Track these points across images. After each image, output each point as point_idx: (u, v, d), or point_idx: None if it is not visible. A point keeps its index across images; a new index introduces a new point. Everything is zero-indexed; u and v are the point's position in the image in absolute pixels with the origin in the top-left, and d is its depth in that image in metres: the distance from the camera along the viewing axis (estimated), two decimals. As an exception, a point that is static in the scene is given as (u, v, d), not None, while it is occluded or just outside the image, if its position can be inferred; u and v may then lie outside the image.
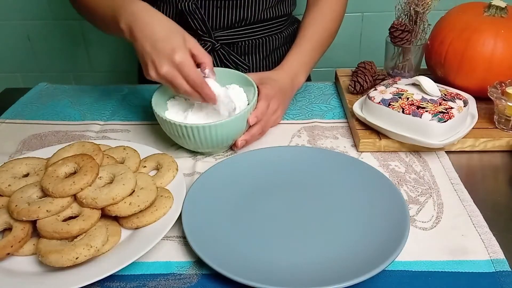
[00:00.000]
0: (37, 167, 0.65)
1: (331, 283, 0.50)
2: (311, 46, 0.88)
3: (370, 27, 1.52)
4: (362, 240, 0.57)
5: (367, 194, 0.64)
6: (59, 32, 1.56)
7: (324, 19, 0.91)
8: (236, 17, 0.92)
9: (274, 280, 0.51)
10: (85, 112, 0.89)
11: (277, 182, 0.68)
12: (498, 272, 0.54)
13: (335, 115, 0.87)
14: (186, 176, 0.70)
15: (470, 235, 0.59)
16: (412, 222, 0.61)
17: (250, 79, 0.76)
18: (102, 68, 1.64)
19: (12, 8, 1.52)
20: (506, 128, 0.76)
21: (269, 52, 1.00)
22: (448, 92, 0.76)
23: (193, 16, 0.89)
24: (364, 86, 0.87)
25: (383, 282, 0.53)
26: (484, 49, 0.79)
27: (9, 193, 0.61)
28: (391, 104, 0.74)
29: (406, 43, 0.87)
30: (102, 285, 0.54)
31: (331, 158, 0.71)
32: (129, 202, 0.58)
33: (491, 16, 0.82)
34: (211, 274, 0.55)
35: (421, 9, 0.85)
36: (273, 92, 0.78)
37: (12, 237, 0.55)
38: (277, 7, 0.96)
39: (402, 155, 0.75)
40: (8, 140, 0.81)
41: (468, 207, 0.64)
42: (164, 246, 0.59)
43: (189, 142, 0.71)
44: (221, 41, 0.93)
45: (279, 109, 0.80)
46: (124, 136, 0.82)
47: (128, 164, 0.66)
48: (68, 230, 0.55)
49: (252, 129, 0.75)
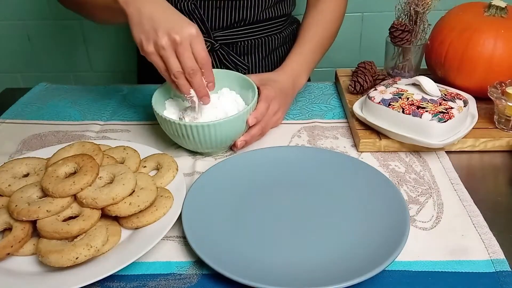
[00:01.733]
0: (37, 167, 0.65)
1: (331, 283, 0.50)
2: (312, 47, 0.88)
3: (370, 27, 1.52)
4: (362, 240, 0.57)
5: (367, 194, 0.64)
6: (59, 32, 1.56)
7: (325, 20, 0.91)
8: (235, 17, 0.92)
9: (274, 280, 0.51)
10: (85, 112, 0.89)
11: (277, 182, 0.68)
12: (498, 272, 0.54)
13: (335, 115, 0.87)
14: (186, 176, 0.70)
15: (470, 235, 0.59)
16: (412, 222, 0.61)
17: (250, 81, 0.76)
18: (102, 68, 1.64)
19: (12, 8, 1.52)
20: (506, 128, 0.76)
21: (269, 52, 1.00)
22: (448, 92, 0.76)
23: (192, 16, 0.89)
24: (364, 86, 0.87)
25: (383, 282, 0.53)
26: (484, 49, 0.79)
27: (9, 193, 0.61)
28: (391, 104, 0.74)
29: (406, 43, 0.87)
30: (102, 285, 0.54)
31: (331, 158, 0.71)
32: (129, 202, 0.58)
33: (491, 16, 0.82)
34: (211, 274, 0.55)
35: (421, 9, 0.85)
36: (274, 93, 0.78)
37: (12, 237, 0.55)
38: (276, 7, 0.96)
39: (402, 155, 0.75)
40: (8, 140, 0.81)
41: (468, 207, 0.64)
42: (164, 246, 0.59)
43: (188, 142, 0.71)
44: (220, 41, 0.93)
45: (280, 111, 0.80)
46: (124, 136, 0.82)
47: (128, 164, 0.66)
48: (68, 230, 0.55)
49: (251, 130, 0.75)
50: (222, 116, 0.72)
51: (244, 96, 0.77)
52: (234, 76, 0.79)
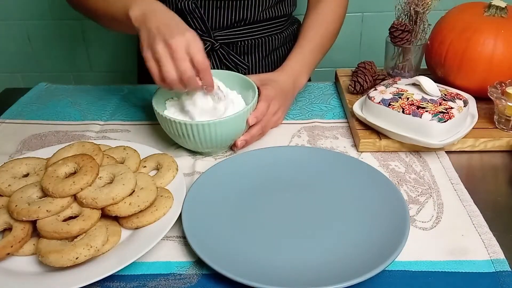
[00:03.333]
0: (37, 167, 0.65)
1: (331, 283, 0.50)
2: (313, 47, 0.88)
3: (370, 27, 1.52)
4: (362, 240, 0.57)
5: (367, 194, 0.64)
6: (59, 32, 1.56)
7: (325, 20, 0.91)
8: (235, 17, 0.92)
9: (274, 280, 0.51)
10: (85, 112, 0.89)
11: (277, 182, 0.68)
12: (498, 272, 0.54)
13: (335, 115, 0.87)
14: (186, 176, 0.70)
15: (470, 235, 0.59)
16: (412, 222, 0.61)
17: (250, 81, 0.76)
18: (102, 68, 1.64)
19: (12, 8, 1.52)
20: (506, 128, 0.76)
21: (269, 52, 1.00)
22: (448, 92, 0.76)
23: (192, 15, 0.89)
24: (364, 86, 0.87)
25: (383, 282, 0.53)
26: (484, 49, 0.79)
27: (9, 193, 0.61)
28: (391, 104, 0.74)
29: (406, 43, 0.87)
30: (102, 285, 0.54)
31: (331, 158, 0.71)
32: (129, 202, 0.58)
33: (491, 16, 0.82)
34: (211, 274, 0.55)
35: (421, 9, 0.85)
36: (274, 93, 0.78)
37: (12, 237, 0.55)
38: (277, 7, 0.96)
39: (402, 155, 0.75)
40: (8, 140, 0.81)
41: (468, 207, 0.64)
42: (164, 246, 0.59)
43: (189, 141, 0.71)
44: (221, 40, 0.93)
45: (280, 110, 0.80)
46: (124, 136, 0.82)
47: (128, 164, 0.66)
48: (68, 230, 0.55)
49: (251, 130, 0.75)
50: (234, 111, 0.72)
51: (244, 96, 0.77)
52: (234, 76, 0.79)
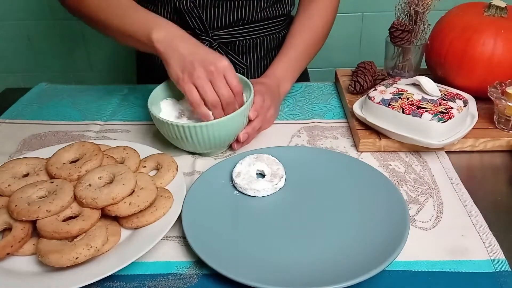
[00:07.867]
0: (37, 167, 0.65)
1: (331, 283, 0.50)
2: (297, 54, 0.88)
3: (370, 27, 1.52)
4: (362, 240, 0.57)
5: (367, 194, 0.64)
6: (59, 32, 1.56)
7: (313, 26, 0.91)
8: (234, 17, 0.92)
9: (274, 280, 0.51)
10: (85, 112, 0.89)
11: (277, 182, 0.68)
12: (498, 272, 0.54)
13: (335, 115, 0.87)
14: (186, 176, 0.70)
15: (470, 235, 0.59)
16: (412, 222, 0.61)
17: (247, 80, 0.76)
18: (102, 68, 1.64)
19: (12, 8, 1.52)
20: (506, 128, 0.76)
21: (267, 52, 1.00)
22: (448, 92, 0.76)
23: (190, 14, 0.89)
24: (364, 86, 0.87)
25: (383, 282, 0.53)
26: (484, 49, 0.79)
27: (9, 193, 0.61)
28: (391, 104, 0.74)
29: (406, 43, 0.87)
30: (102, 285, 0.54)
31: (331, 158, 0.71)
32: (129, 202, 0.58)
33: (491, 16, 0.82)
34: (211, 274, 0.55)
35: (421, 9, 0.85)
36: (265, 89, 0.79)
37: (12, 237, 0.55)
38: (275, 7, 0.96)
39: (402, 155, 0.75)
40: (8, 140, 0.81)
41: (468, 207, 0.64)
42: (164, 246, 0.59)
43: (187, 143, 0.71)
44: (219, 40, 0.93)
45: (272, 107, 0.81)
46: (124, 136, 0.82)
47: (128, 164, 0.66)
48: (68, 230, 0.55)
49: (252, 123, 0.75)
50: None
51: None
52: None
